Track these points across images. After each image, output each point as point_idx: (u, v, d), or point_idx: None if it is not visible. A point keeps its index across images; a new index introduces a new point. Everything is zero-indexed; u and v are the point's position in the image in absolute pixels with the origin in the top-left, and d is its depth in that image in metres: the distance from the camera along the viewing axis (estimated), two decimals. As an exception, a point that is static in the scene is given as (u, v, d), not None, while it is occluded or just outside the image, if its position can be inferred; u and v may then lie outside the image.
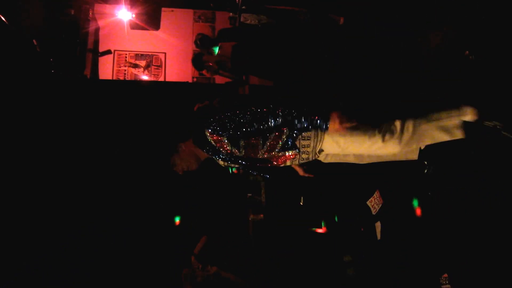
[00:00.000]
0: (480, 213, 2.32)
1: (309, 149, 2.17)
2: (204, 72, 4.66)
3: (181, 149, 2.21)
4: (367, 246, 3.33)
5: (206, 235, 3.64)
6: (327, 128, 2.09)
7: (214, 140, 2.12)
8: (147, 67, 5.27)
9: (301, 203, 3.83)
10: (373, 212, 3.22)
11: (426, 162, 2.59)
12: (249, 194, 4.07)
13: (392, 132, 2.11)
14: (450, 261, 2.54)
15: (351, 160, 2.41)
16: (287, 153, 2.15)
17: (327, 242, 3.78)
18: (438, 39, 2.70)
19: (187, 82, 4.95)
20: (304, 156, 2.20)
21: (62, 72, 4.51)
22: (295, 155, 2.16)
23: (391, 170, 2.79)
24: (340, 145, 2.16)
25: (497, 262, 2.20)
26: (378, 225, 3.19)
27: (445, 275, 2.56)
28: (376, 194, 3.21)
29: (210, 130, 2.10)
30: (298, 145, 2.13)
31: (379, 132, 2.12)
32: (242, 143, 2.10)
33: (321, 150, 2.19)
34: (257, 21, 4.38)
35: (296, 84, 4.03)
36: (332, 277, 3.66)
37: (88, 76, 4.91)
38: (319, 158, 2.35)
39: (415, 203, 2.87)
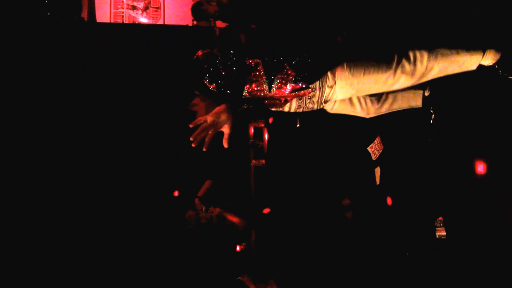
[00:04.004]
0: (479, 159, 2.35)
1: (315, 99, 2.11)
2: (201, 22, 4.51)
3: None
4: (366, 191, 3.42)
5: (210, 179, 3.73)
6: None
7: (214, 88, 2.07)
8: (145, 9, 5.09)
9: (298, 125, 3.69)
10: (373, 157, 3.27)
11: (432, 111, 2.57)
12: (251, 140, 4.11)
13: (404, 66, 2.00)
14: (445, 205, 2.62)
15: (358, 112, 2.39)
16: (298, 93, 2.07)
17: (326, 186, 3.87)
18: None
19: (187, 25, 4.80)
20: (309, 105, 2.14)
21: (58, 15, 4.36)
22: (300, 99, 2.12)
23: (392, 117, 2.79)
24: (354, 88, 2.07)
25: (492, 206, 2.27)
26: (377, 170, 3.25)
27: (440, 218, 2.65)
28: (377, 140, 3.23)
29: (207, 80, 2.05)
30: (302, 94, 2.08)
31: (392, 65, 2.01)
32: (244, 88, 2.03)
33: (326, 100, 2.13)
34: None
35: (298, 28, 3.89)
36: (330, 220, 3.79)
37: (86, 19, 4.76)
38: (325, 107, 2.31)
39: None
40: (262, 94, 2.06)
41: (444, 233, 2.59)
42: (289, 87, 2.05)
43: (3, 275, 3.40)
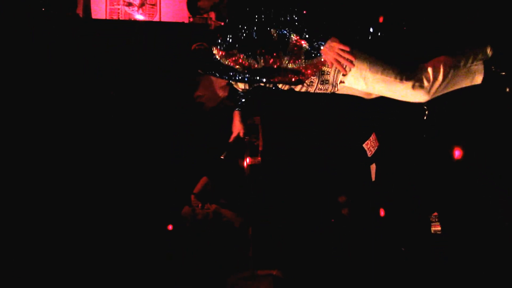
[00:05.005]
0: (474, 155, 2.37)
1: (329, 77, 2.04)
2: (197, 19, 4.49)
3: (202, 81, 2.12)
4: (362, 187, 3.44)
5: (206, 176, 3.73)
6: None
7: (225, 56, 1.97)
8: (141, 5, 5.06)
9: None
10: (369, 154, 3.28)
11: (425, 107, 2.59)
12: (247, 138, 4.10)
13: (422, 82, 1.98)
14: (440, 200, 2.64)
15: (359, 94, 2.31)
16: (314, 61, 1.97)
17: (322, 183, 3.88)
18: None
19: (184, 22, 4.79)
20: (320, 86, 2.06)
21: (53, 11, 4.34)
22: (316, 71, 2.00)
23: (387, 113, 2.80)
24: (367, 82, 1.99)
25: (487, 202, 2.28)
26: (373, 167, 3.27)
27: (435, 213, 2.67)
28: (372, 137, 3.25)
29: (219, 47, 1.94)
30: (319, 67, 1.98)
31: (411, 78, 1.99)
32: (259, 51, 1.93)
33: (341, 82, 2.04)
34: None
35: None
36: (326, 217, 3.80)
37: (81, 15, 4.73)
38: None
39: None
40: (276, 64, 1.98)
41: (439, 228, 2.61)
42: (303, 56, 1.95)
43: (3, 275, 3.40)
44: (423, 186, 2.78)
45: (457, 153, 2.38)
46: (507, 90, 2.04)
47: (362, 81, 2.00)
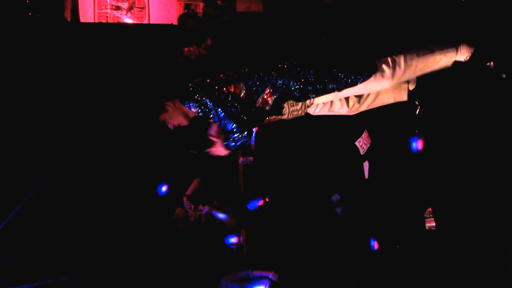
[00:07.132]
0: (466, 150, 2.38)
1: (298, 107, 2.25)
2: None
3: (170, 108, 2.20)
4: (355, 185, 3.43)
5: (198, 178, 3.70)
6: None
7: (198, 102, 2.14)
8: (130, 9, 5.04)
9: None
10: (361, 152, 3.27)
11: (417, 103, 2.60)
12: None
13: (383, 71, 2.14)
14: (435, 196, 2.63)
15: (340, 112, 2.44)
16: (275, 116, 2.23)
17: (315, 182, 3.86)
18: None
19: (172, 24, 4.77)
20: (294, 113, 2.27)
21: (40, 14, 4.30)
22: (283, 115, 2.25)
23: (379, 110, 2.80)
24: None
25: (479, 196, 2.29)
26: (366, 164, 3.26)
27: (429, 209, 2.67)
28: (365, 134, 3.24)
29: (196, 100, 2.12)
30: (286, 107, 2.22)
31: (372, 71, 2.14)
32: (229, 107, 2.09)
33: (309, 105, 2.28)
34: None
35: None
36: (320, 216, 3.78)
37: (69, 19, 4.69)
38: (308, 111, 2.37)
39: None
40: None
41: (434, 224, 2.60)
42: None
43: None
44: (416, 183, 2.78)
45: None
46: (504, 76, 2.08)
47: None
